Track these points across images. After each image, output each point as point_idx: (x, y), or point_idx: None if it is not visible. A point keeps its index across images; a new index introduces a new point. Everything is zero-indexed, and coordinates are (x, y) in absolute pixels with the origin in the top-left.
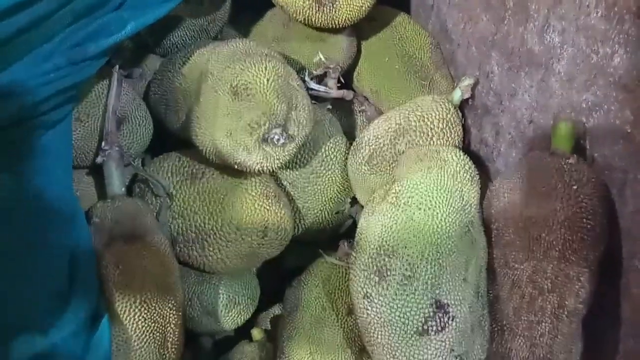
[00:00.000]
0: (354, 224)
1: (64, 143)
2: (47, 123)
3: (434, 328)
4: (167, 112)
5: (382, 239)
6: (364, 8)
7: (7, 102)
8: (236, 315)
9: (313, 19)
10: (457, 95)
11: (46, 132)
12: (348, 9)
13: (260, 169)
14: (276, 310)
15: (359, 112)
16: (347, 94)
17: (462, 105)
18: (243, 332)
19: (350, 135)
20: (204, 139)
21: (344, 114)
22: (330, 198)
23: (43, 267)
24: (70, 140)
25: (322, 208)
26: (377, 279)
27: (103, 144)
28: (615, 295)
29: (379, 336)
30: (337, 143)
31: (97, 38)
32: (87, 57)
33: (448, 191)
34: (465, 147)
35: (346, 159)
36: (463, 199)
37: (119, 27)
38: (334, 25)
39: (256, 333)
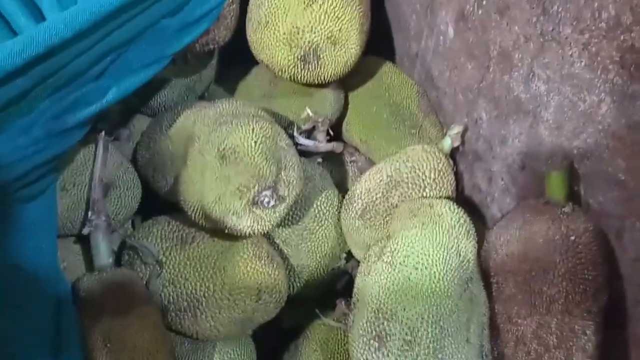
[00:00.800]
0: (351, 279)
1: (47, 214)
2: (29, 196)
3: None
4: (155, 176)
5: (380, 301)
6: (348, 63)
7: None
8: None
9: (299, 77)
10: (447, 144)
11: (28, 204)
12: (333, 65)
13: (251, 232)
14: None
15: (350, 162)
16: (337, 147)
17: (453, 152)
18: None
19: (342, 186)
20: (192, 203)
21: (335, 166)
22: (325, 254)
23: (26, 342)
24: (54, 211)
25: (317, 265)
26: (376, 344)
27: (90, 214)
28: (622, 344)
29: None
30: (329, 197)
31: (76, 109)
32: (67, 128)
33: (444, 248)
34: (459, 194)
35: (339, 212)
36: (460, 255)
37: (99, 96)
38: (320, 82)
39: None
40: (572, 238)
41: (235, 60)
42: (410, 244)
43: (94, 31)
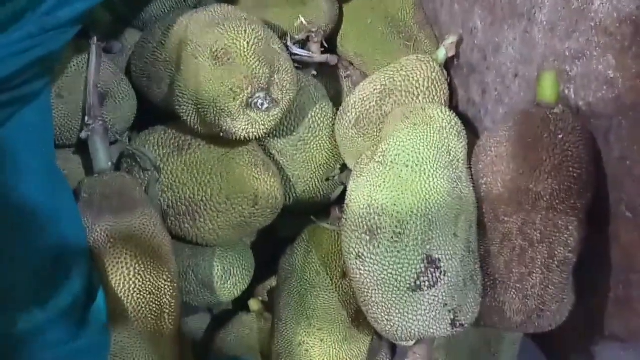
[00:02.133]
0: (345, 191)
1: (44, 118)
2: (24, 97)
3: (427, 283)
4: (150, 85)
5: (371, 197)
6: None
7: None
8: (232, 287)
9: None
10: (441, 54)
11: (24, 107)
12: None
13: (245, 135)
14: (273, 282)
15: (345, 77)
16: (331, 59)
17: (449, 67)
18: (241, 305)
19: (336, 101)
20: (187, 108)
21: (330, 80)
22: (320, 165)
23: (25, 246)
24: (50, 116)
25: (311, 176)
26: (368, 238)
27: (86, 118)
28: (604, 243)
29: (373, 295)
30: (324, 109)
31: (69, 3)
32: (61, 23)
33: (435, 147)
34: (454, 109)
35: (333, 124)
36: (450, 154)
37: None
38: None
39: (253, 303)
40: (560, 136)
41: None
42: (402, 143)
43: None
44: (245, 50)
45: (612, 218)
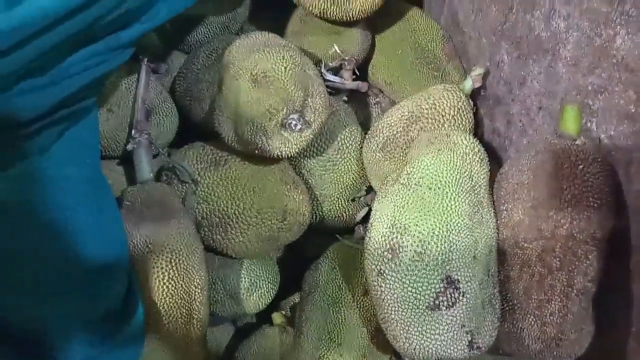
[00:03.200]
0: (370, 213)
1: (92, 132)
2: (79, 112)
3: (445, 303)
4: (192, 104)
5: (395, 217)
6: (377, 1)
7: (56, 87)
8: (257, 299)
9: (328, 12)
10: (468, 84)
11: (78, 122)
12: (362, 2)
13: (279, 153)
14: (296, 297)
15: (374, 104)
16: (362, 86)
17: (475, 97)
18: (264, 319)
19: (365, 126)
20: (226, 126)
21: (360, 106)
22: (347, 185)
23: (72, 254)
24: (97, 129)
25: (338, 195)
26: (389, 256)
27: (133, 132)
28: (625, 275)
29: (393, 312)
30: (353, 132)
31: (130, 26)
32: (122, 44)
33: (458, 172)
34: (479, 138)
35: (361, 148)
36: (472, 179)
37: (151, 15)
38: (348, 19)
39: (277, 317)
40: (580, 167)
41: (268, 1)
42: (426, 167)
43: None
44: (283, 74)
45: (633, 250)
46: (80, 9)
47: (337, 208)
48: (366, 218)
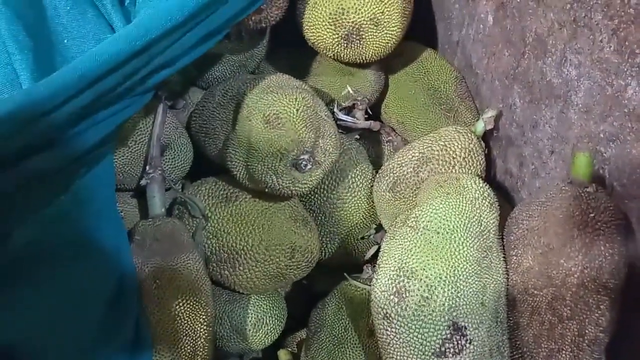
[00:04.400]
0: (379, 250)
1: (108, 170)
2: (102, 154)
3: (452, 350)
4: (207, 140)
5: (402, 260)
6: (389, 45)
7: (87, 135)
8: (264, 335)
9: (342, 55)
10: (480, 126)
11: (99, 162)
12: (374, 45)
13: (288, 192)
14: (303, 334)
15: (387, 142)
16: (374, 125)
17: (488, 138)
18: (271, 355)
19: (378, 164)
20: (238, 164)
21: (372, 144)
22: (356, 224)
23: (87, 287)
24: (112, 166)
25: (348, 233)
26: (396, 299)
27: (147, 167)
28: (638, 324)
29: (398, 356)
30: (364, 171)
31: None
32: (148, 89)
33: (466, 217)
34: (492, 179)
35: (372, 186)
36: (481, 224)
37: (170, 63)
38: (361, 61)
39: (282, 354)
40: (592, 215)
41: (285, 42)
42: (434, 210)
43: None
44: (295, 116)
45: None
46: (114, 70)
47: (346, 245)
48: (375, 256)
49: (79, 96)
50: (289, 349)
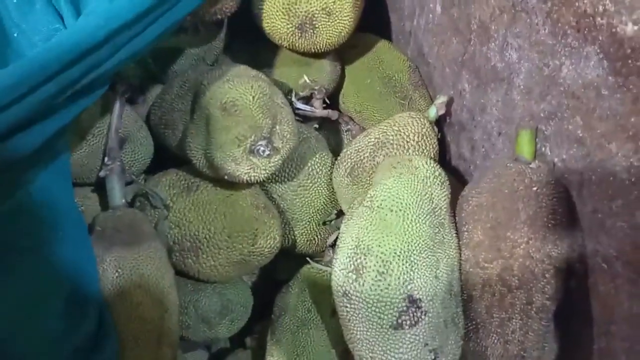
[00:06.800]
0: None
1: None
2: (52, 150)
3: (408, 322)
4: (166, 132)
5: (359, 239)
6: (342, 34)
7: (44, 128)
8: (230, 323)
9: (296, 45)
10: (432, 112)
11: (50, 159)
12: (327, 35)
13: (248, 179)
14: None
15: (345, 131)
16: (331, 114)
17: (442, 124)
18: (238, 343)
19: (337, 152)
20: (197, 153)
21: (332, 134)
22: (317, 210)
23: (47, 285)
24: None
25: (309, 219)
26: (354, 276)
27: (106, 159)
28: (584, 295)
29: (358, 332)
30: (323, 158)
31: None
32: (100, 75)
33: (418, 194)
34: (447, 163)
35: (331, 173)
36: (433, 202)
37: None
38: (316, 50)
39: (250, 341)
40: (535, 189)
41: (242, 34)
42: (388, 190)
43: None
44: (251, 103)
45: (589, 270)
46: (77, 61)
47: (309, 232)
48: (337, 241)
49: (39, 89)
50: (256, 336)
